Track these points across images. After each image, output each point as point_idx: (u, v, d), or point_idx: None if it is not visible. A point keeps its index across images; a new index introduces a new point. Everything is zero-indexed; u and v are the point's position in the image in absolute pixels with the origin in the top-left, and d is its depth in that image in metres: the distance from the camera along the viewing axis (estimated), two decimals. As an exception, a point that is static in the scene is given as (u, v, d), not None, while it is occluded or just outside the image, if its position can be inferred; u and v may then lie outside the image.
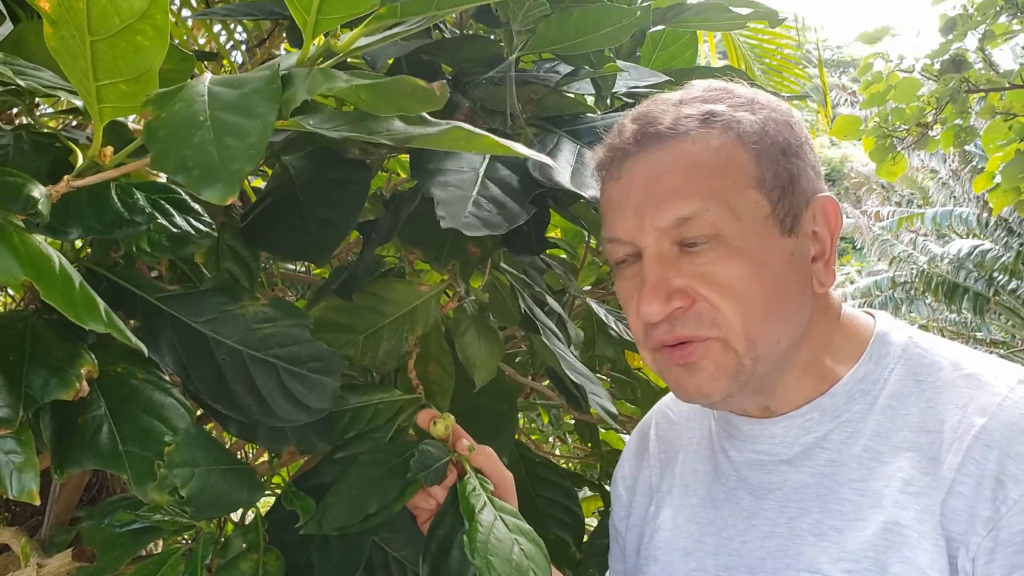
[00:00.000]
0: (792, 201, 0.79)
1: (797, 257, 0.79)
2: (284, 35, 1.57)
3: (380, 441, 0.94)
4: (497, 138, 0.62)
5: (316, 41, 0.67)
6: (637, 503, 0.99)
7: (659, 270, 0.78)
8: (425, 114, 0.67)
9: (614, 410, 1.16)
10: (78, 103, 0.74)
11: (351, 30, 0.71)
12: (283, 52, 1.67)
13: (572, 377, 1.10)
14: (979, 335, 12.49)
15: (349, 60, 1.07)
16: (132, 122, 0.83)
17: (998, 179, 5.27)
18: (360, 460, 0.88)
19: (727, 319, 0.76)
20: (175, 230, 0.83)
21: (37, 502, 0.68)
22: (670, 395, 1.05)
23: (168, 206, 0.83)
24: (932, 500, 0.72)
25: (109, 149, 0.66)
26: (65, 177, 0.66)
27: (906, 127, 5.30)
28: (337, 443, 0.94)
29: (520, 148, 0.63)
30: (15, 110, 0.95)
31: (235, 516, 1.16)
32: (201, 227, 0.84)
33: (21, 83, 0.72)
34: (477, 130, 0.63)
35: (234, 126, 0.56)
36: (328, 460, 0.94)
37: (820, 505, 0.79)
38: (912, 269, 12.62)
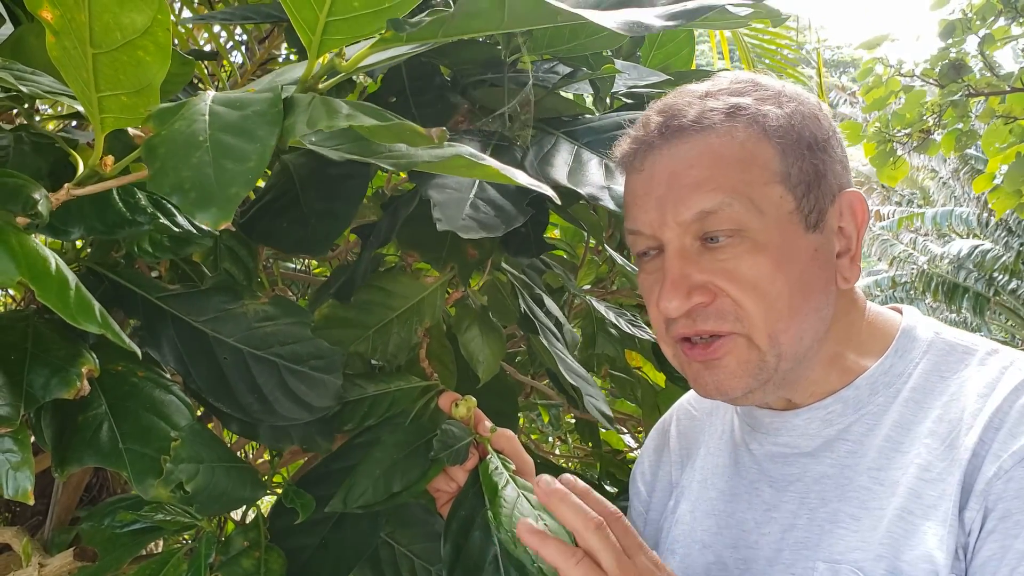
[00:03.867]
0: (818, 196, 0.79)
1: (821, 253, 0.79)
2: (283, 35, 1.57)
3: (402, 424, 0.94)
4: (499, 166, 0.62)
5: (320, 60, 0.68)
6: (656, 499, 0.99)
7: (680, 265, 0.78)
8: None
9: (609, 413, 1.16)
10: (79, 108, 0.75)
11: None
12: (283, 52, 1.68)
13: (569, 379, 1.10)
14: (979, 335, 12.47)
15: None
16: (133, 128, 0.83)
17: (998, 180, 5.28)
18: (383, 441, 0.89)
19: (749, 315, 0.76)
20: (177, 230, 0.83)
21: (31, 501, 0.68)
22: (692, 391, 1.05)
23: (170, 206, 0.83)
24: (948, 484, 0.72)
25: (110, 159, 0.66)
26: (66, 185, 0.67)
27: (907, 131, 5.31)
28: (358, 429, 0.95)
29: (521, 177, 0.63)
30: (15, 111, 0.95)
31: (236, 515, 1.16)
32: (203, 227, 0.85)
33: (23, 89, 0.73)
34: (478, 157, 0.63)
35: (233, 149, 0.56)
36: (349, 445, 0.94)
37: (839, 495, 0.79)
38: (912, 269, 12.62)
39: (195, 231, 0.84)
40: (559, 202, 0.75)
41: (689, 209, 0.77)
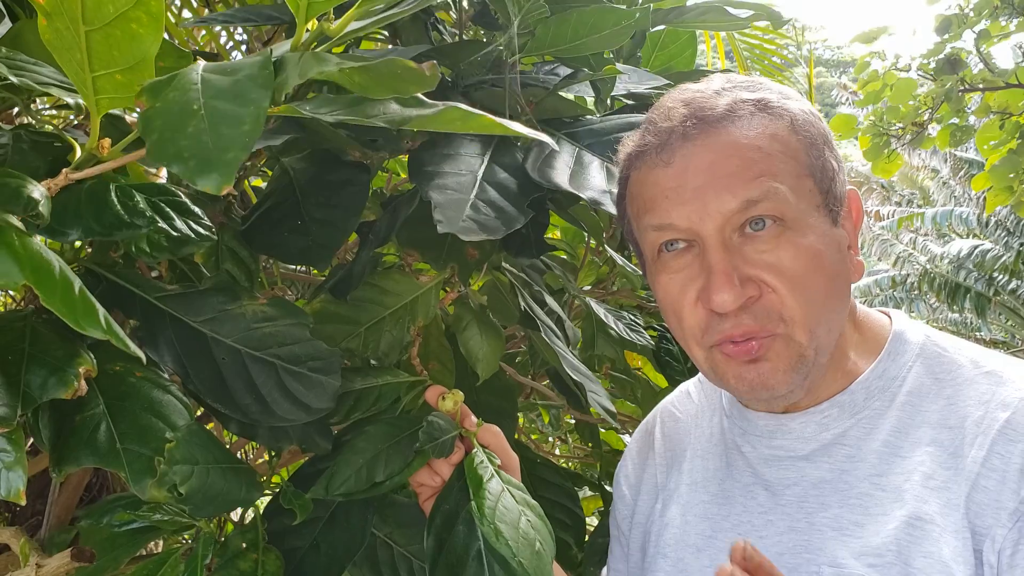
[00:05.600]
0: (836, 192, 0.79)
1: (842, 247, 0.80)
2: (284, 35, 1.57)
3: (388, 417, 0.94)
4: (494, 118, 0.62)
5: (309, 25, 0.67)
6: (642, 502, 0.99)
7: (727, 257, 0.76)
8: (422, 96, 0.66)
9: (613, 409, 1.16)
10: (70, 101, 0.75)
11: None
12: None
13: (572, 376, 1.10)
14: (979, 335, 12.49)
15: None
16: (127, 114, 0.83)
17: (996, 179, 5.29)
18: (368, 432, 0.89)
19: (792, 312, 0.75)
20: (175, 233, 0.83)
21: (23, 501, 0.67)
22: (675, 394, 1.04)
23: (168, 209, 0.83)
24: (955, 494, 0.72)
25: (107, 141, 0.66)
26: (64, 170, 0.66)
27: (901, 125, 5.31)
28: (345, 424, 0.94)
29: (517, 127, 0.62)
30: (15, 110, 0.95)
31: (235, 515, 1.16)
32: (201, 230, 0.85)
33: (14, 79, 0.72)
34: (473, 110, 0.62)
35: (228, 114, 0.56)
36: (337, 443, 0.94)
37: (840, 500, 0.78)
38: (916, 268, 12.62)
39: (193, 234, 0.84)
40: (557, 148, 0.74)
41: (736, 197, 0.75)
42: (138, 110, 0.60)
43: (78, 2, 0.57)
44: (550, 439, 2.08)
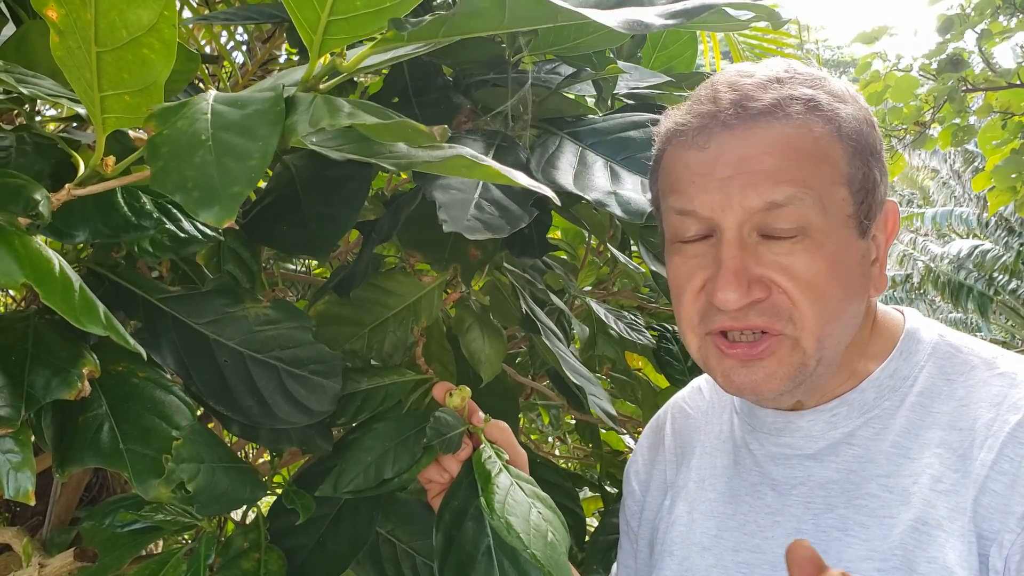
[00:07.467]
0: (871, 205, 0.77)
1: (865, 261, 0.78)
2: (284, 35, 1.57)
3: (396, 414, 0.94)
4: (498, 167, 0.62)
5: (321, 60, 0.67)
6: (651, 498, 0.98)
7: (740, 255, 0.74)
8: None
9: (614, 412, 1.16)
10: (80, 110, 0.75)
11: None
12: (283, 52, 1.68)
13: (572, 379, 1.10)
14: (980, 335, 12.50)
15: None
16: (133, 131, 0.83)
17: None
18: (376, 429, 0.89)
19: (803, 316, 0.74)
20: (183, 235, 0.83)
21: (32, 502, 0.68)
22: (687, 389, 1.03)
23: (174, 210, 0.83)
24: (963, 497, 0.71)
25: (111, 159, 0.66)
26: (67, 185, 0.67)
27: (904, 126, 5.32)
28: (350, 424, 0.94)
29: (521, 178, 0.63)
30: (16, 112, 0.95)
31: (236, 515, 1.16)
32: (207, 231, 0.85)
33: (24, 91, 0.72)
34: (478, 158, 0.62)
35: (236, 148, 0.56)
36: (341, 442, 0.94)
37: (847, 501, 0.78)
38: (919, 267, 12.64)
39: (200, 235, 0.84)
40: (560, 203, 0.74)
41: (760, 196, 0.73)
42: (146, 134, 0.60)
43: (91, 24, 0.57)
44: (550, 439, 2.08)
